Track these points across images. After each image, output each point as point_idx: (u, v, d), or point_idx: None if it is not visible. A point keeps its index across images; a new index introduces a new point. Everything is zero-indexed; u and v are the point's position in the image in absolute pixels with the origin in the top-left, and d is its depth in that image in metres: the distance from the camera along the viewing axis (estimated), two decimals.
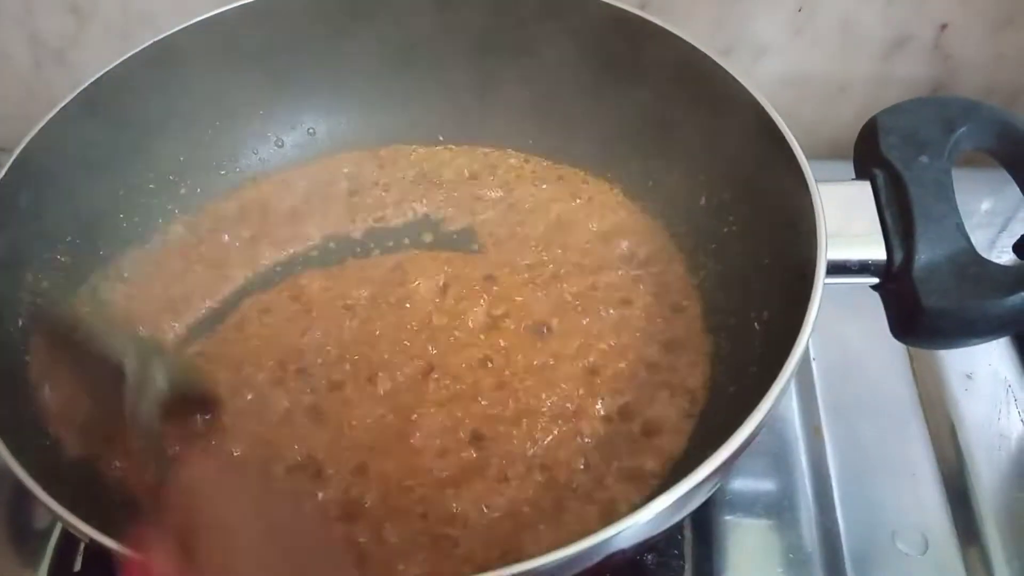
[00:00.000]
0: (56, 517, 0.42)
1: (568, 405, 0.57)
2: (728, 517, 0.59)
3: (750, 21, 0.82)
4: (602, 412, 0.56)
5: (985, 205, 0.79)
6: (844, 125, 0.87)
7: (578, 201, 0.69)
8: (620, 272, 0.64)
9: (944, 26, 0.80)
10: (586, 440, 0.56)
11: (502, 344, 0.60)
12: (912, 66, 0.83)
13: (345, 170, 0.71)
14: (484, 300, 0.63)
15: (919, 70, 0.84)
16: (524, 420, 0.56)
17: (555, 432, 0.56)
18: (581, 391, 0.58)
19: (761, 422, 0.44)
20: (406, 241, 0.68)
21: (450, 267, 0.65)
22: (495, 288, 0.63)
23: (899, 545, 0.57)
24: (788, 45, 0.83)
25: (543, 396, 0.57)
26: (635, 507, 0.49)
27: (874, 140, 0.54)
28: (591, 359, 0.59)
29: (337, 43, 0.69)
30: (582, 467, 0.54)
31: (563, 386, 0.58)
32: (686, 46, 0.62)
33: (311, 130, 0.72)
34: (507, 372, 0.59)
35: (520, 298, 0.63)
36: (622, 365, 0.59)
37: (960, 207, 0.52)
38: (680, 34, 0.63)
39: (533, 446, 0.55)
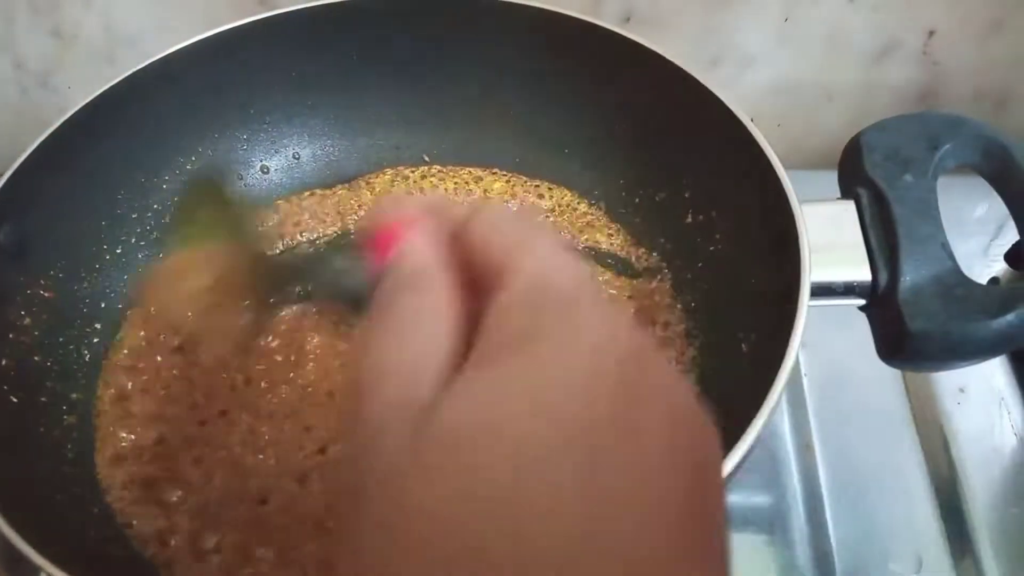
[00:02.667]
0: None
1: None
2: None
3: (737, 31, 0.82)
4: None
5: (978, 212, 0.79)
6: (832, 134, 0.86)
7: (563, 219, 0.68)
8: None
9: (932, 32, 0.79)
10: None
11: None
12: (900, 73, 0.83)
13: (335, 195, 0.71)
14: None
15: (907, 77, 0.83)
16: None
17: None
18: None
19: (746, 452, 0.43)
20: None
21: None
22: None
23: (892, 565, 0.57)
24: (775, 54, 0.83)
25: None
26: None
27: (858, 159, 0.54)
28: None
29: (319, 67, 0.69)
30: None
31: None
32: (666, 63, 0.62)
33: (296, 155, 0.72)
34: None
35: None
36: None
37: (953, 214, 0.52)
38: (660, 51, 0.62)
39: None
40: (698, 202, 0.63)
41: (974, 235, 0.78)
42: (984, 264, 0.75)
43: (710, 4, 0.79)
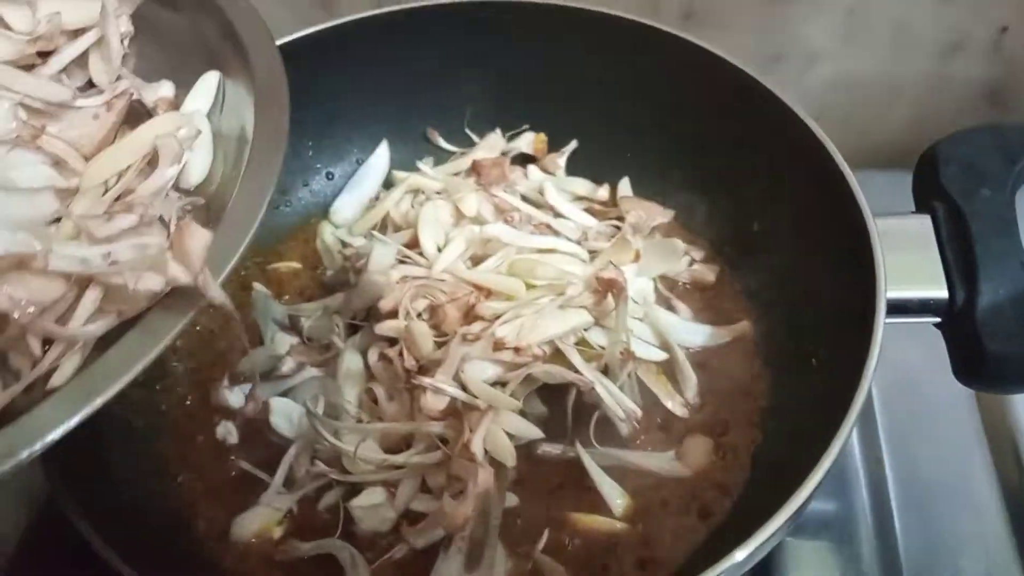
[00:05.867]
0: None
1: None
2: (789, 539, 0.59)
3: (800, 26, 0.80)
4: None
5: None
6: (897, 129, 0.85)
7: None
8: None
9: (1004, 28, 0.77)
10: None
11: None
12: (969, 69, 0.81)
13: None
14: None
15: (977, 73, 0.81)
16: None
17: None
18: None
19: (826, 471, 0.43)
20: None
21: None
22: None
23: None
24: (840, 49, 0.81)
25: None
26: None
27: (933, 171, 0.53)
28: None
29: (385, 74, 0.69)
30: None
31: None
32: (725, 64, 0.61)
33: (359, 160, 0.72)
34: None
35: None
36: None
37: None
38: (719, 52, 0.62)
39: None
40: (766, 211, 0.62)
41: None
42: None
43: None
